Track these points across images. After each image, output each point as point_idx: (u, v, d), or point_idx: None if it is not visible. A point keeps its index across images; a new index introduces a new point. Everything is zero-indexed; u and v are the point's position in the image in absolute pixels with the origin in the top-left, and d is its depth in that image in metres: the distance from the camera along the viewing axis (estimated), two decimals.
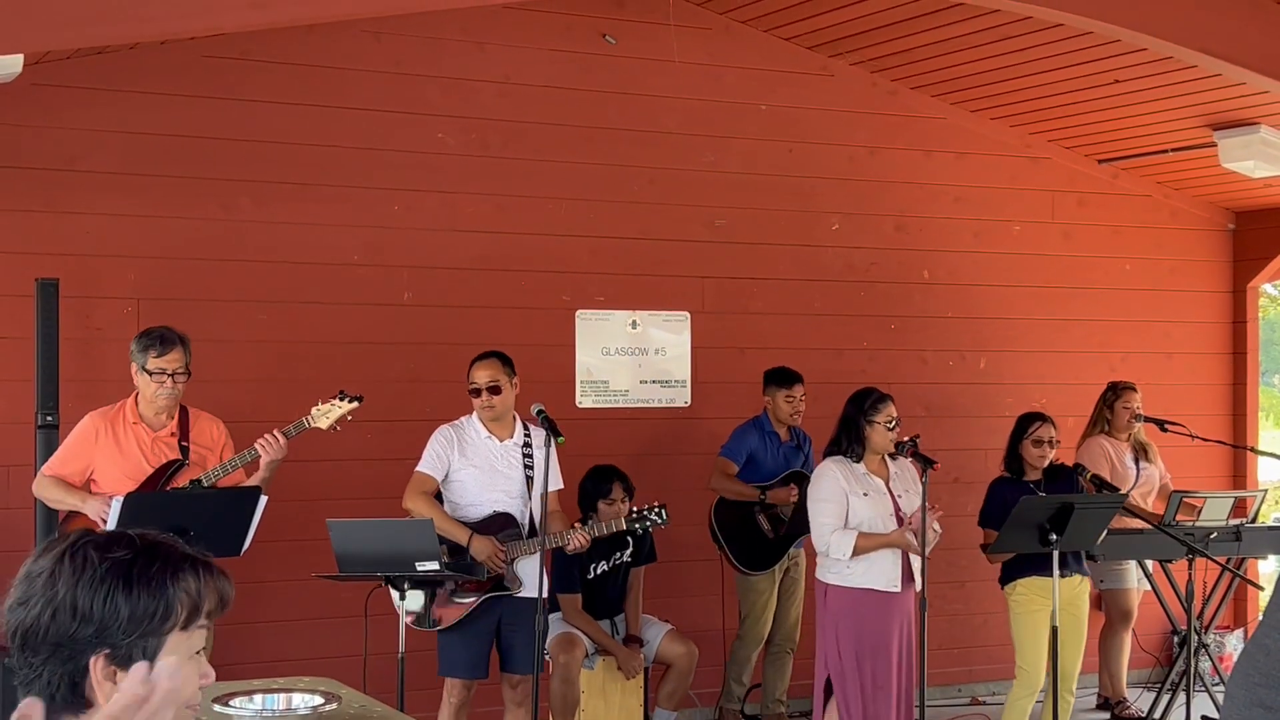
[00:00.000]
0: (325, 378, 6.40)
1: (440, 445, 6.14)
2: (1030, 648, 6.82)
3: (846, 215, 8.45)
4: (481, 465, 6.11)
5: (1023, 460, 6.98)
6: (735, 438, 7.60)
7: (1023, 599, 6.83)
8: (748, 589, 7.59)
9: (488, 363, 6.19)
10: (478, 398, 6.14)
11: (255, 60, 7.12)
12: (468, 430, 6.19)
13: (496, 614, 6.05)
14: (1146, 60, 7.19)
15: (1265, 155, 7.89)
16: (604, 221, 7.85)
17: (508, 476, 6.08)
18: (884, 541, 6.09)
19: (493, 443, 6.16)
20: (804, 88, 8.29)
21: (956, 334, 8.74)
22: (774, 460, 7.52)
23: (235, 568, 6.20)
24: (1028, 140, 8.88)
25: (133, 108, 6.92)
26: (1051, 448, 6.97)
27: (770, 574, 7.55)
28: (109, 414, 5.77)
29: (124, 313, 6.77)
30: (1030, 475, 6.98)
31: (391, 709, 4.01)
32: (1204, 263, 9.53)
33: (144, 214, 6.95)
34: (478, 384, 6.15)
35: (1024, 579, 6.81)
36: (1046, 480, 6.98)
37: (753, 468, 7.53)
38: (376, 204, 7.37)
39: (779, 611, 7.62)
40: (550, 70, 7.72)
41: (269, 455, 5.66)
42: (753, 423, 7.63)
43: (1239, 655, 2.22)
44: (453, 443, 6.13)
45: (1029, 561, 6.73)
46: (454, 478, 6.13)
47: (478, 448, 6.14)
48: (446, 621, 6.05)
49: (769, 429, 7.59)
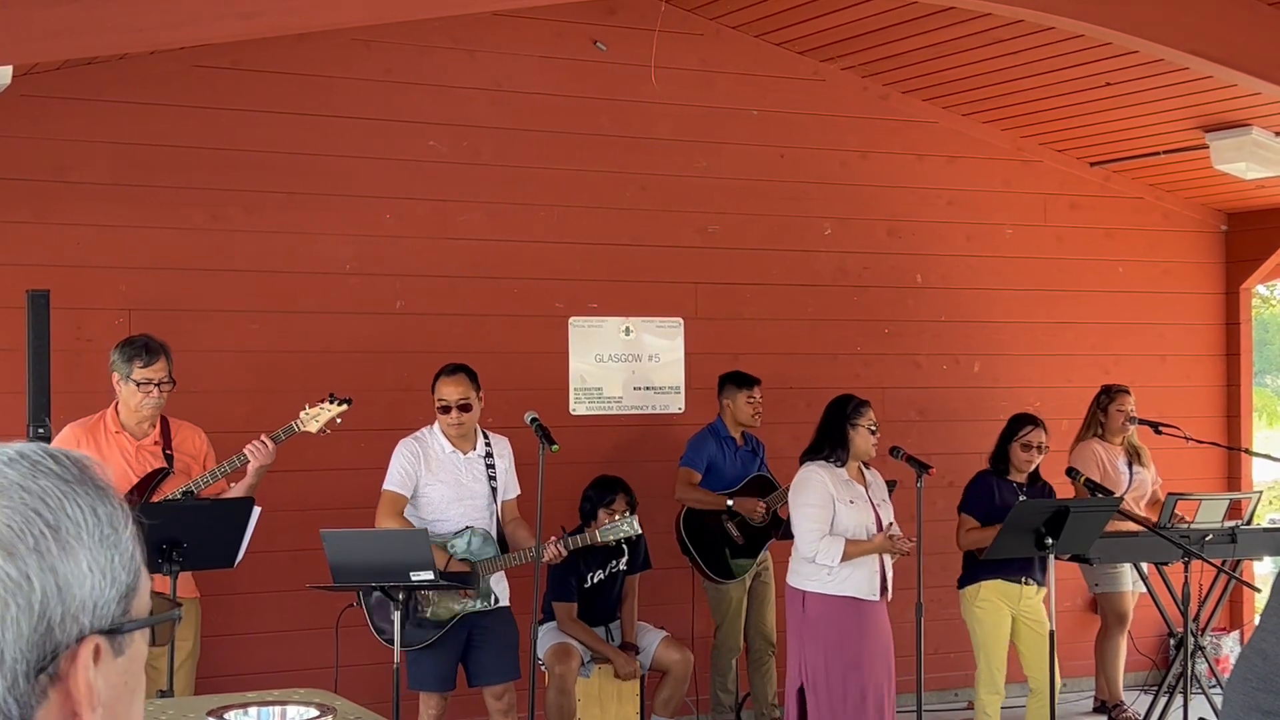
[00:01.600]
0: (317, 387, 6.37)
1: (406, 460, 6.06)
2: (993, 650, 6.85)
3: (839, 220, 8.44)
4: (447, 480, 6.06)
5: (1009, 461, 6.99)
6: (693, 446, 7.54)
7: (986, 603, 6.85)
8: (719, 597, 7.55)
9: (457, 379, 6.09)
10: (446, 414, 6.05)
11: (245, 69, 7.10)
12: (431, 444, 6.11)
13: (466, 628, 6.02)
14: (1138, 63, 7.19)
15: (1257, 156, 7.89)
16: (596, 228, 7.84)
17: (473, 490, 6.05)
18: (871, 548, 6.09)
19: (457, 456, 6.11)
20: (795, 93, 8.28)
21: (950, 338, 8.74)
22: (732, 466, 7.48)
23: (227, 579, 6.22)
24: (1019, 144, 8.88)
25: (122, 118, 6.91)
26: (1040, 453, 6.98)
27: (740, 582, 7.52)
28: (89, 424, 5.76)
29: (115, 323, 6.74)
30: (1014, 477, 6.99)
31: None
32: (1197, 264, 9.53)
33: (135, 224, 6.93)
34: (447, 401, 6.06)
35: (988, 582, 6.84)
36: (1028, 485, 7.01)
37: (714, 475, 7.48)
38: (368, 212, 7.36)
39: (754, 617, 7.59)
40: (541, 77, 7.71)
41: (258, 460, 5.64)
42: (708, 430, 7.58)
43: (1236, 659, 2.21)
44: (419, 457, 6.06)
45: (990, 565, 6.75)
46: (421, 493, 6.07)
47: (443, 462, 6.09)
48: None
49: (725, 434, 7.54)
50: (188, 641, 5.76)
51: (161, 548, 5.24)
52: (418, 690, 6.11)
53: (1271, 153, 7.89)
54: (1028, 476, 7.02)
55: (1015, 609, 6.86)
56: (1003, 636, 6.87)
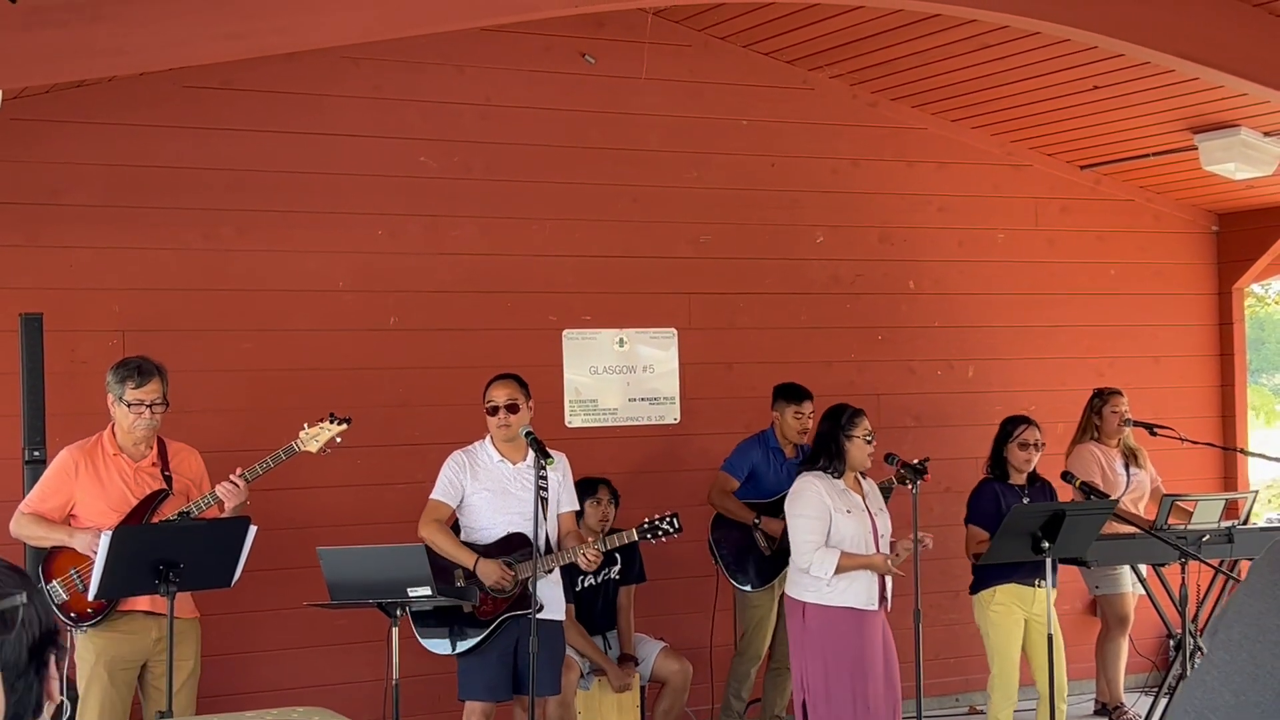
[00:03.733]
0: (313, 405, 6.38)
1: (453, 471, 6.16)
2: (1008, 656, 6.84)
3: (831, 228, 8.46)
4: (494, 489, 6.12)
5: (1007, 464, 6.99)
6: (738, 453, 7.54)
7: (1001, 608, 6.84)
8: (745, 606, 7.55)
9: (506, 383, 6.24)
10: (495, 416, 6.15)
11: (235, 89, 7.12)
12: (480, 455, 6.21)
13: (514, 635, 6.03)
14: (1124, 65, 7.21)
15: (1246, 157, 7.91)
16: (589, 240, 7.85)
17: (520, 499, 6.06)
18: (864, 563, 6.09)
19: (505, 465, 6.16)
20: (784, 102, 8.30)
21: (943, 343, 8.75)
22: (776, 477, 7.40)
23: (227, 599, 6.23)
24: (1009, 148, 8.90)
25: (113, 139, 6.92)
26: (1037, 450, 6.99)
27: (769, 590, 7.50)
28: (86, 447, 5.76)
29: (109, 345, 6.75)
30: (1015, 479, 6.99)
31: None
32: (1189, 265, 9.55)
33: (127, 245, 6.94)
34: (496, 402, 6.17)
35: (1002, 586, 6.82)
36: (1029, 486, 7.01)
37: (754, 483, 7.46)
38: (360, 229, 7.37)
39: (781, 627, 7.59)
40: (531, 91, 7.73)
41: (231, 500, 5.66)
42: (757, 438, 7.58)
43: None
44: (465, 468, 6.15)
45: (1003, 569, 6.74)
46: (467, 501, 6.15)
47: (490, 471, 6.15)
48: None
49: (774, 444, 7.52)
50: (188, 661, 5.75)
51: (158, 569, 5.24)
52: (467, 700, 6.10)
53: (1260, 153, 7.91)
54: (1027, 478, 7.02)
55: (1029, 612, 6.83)
56: (1016, 640, 6.85)
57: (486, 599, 6.06)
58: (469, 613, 6.04)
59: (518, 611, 6.00)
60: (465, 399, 7.32)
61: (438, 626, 6.07)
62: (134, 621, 5.64)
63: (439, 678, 6.91)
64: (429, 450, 6.98)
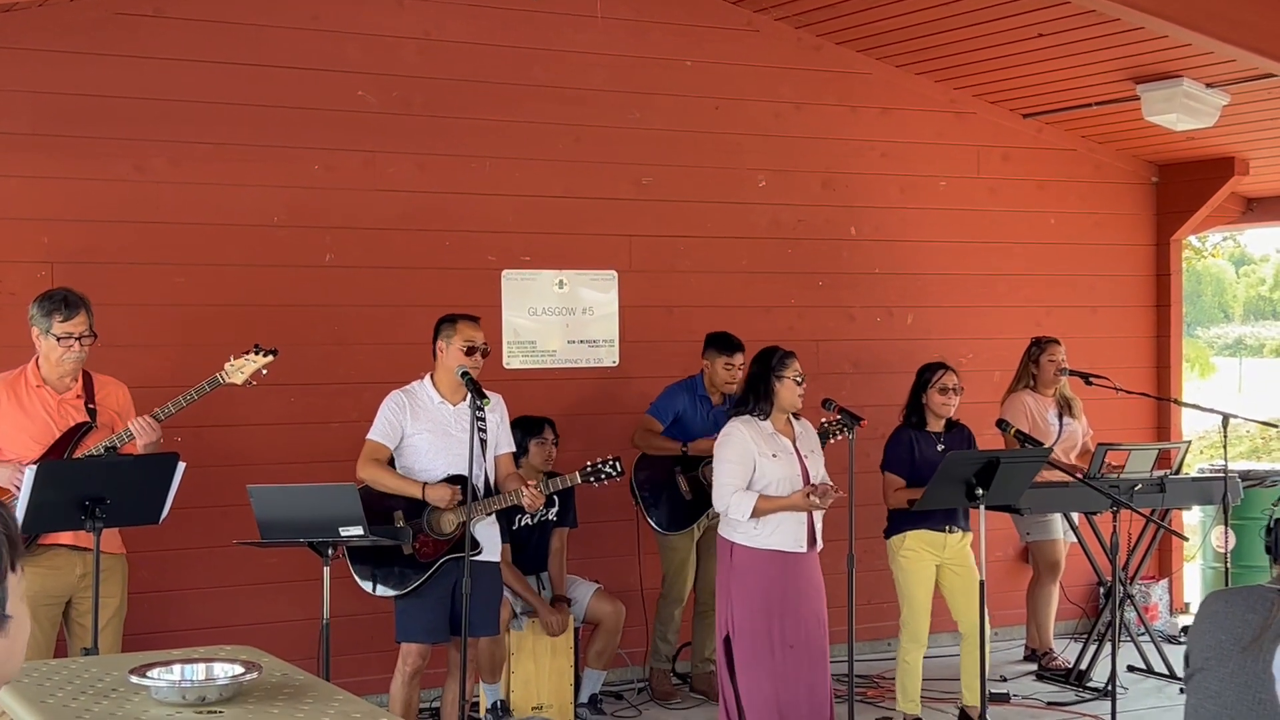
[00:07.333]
0: (245, 341, 6.27)
1: (392, 411, 6.07)
2: (917, 599, 6.90)
3: (773, 172, 8.42)
4: (435, 430, 6.04)
5: (925, 410, 7.02)
6: (664, 397, 7.55)
7: (911, 553, 6.89)
8: (666, 548, 7.58)
9: (479, 324, 6.14)
10: (471, 356, 6.04)
11: (169, 17, 6.96)
12: (420, 395, 6.12)
13: (454, 577, 5.98)
14: (1069, 14, 7.20)
15: (1187, 108, 7.92)
16: (529, 180, 7.77)
17: (461, 440, 5.99)
18: (785, 504, 6.05)
19: (445, 407, 6.09)
20: (729, 43, 8.23)
21: (883, 290, 8.75)
22: (702, 423, 7.43)
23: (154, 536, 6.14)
24: (952, 95, 8.87)
25: (42, 66, 6.75)
26: (956, 395, 7.01)
27: (688, 533, 7.52)
28: (9, 379, 5.67)
29: (38, 276, 6.61)
30: (932, 425, 7.02)
31: (314, 676, 3.94)
32: (1128, 216, 9.59)
33: (56, 175, 6.79)
34: (475, 344, 6.07)
35: (913, 531, 6.88)
36: (945, 433, 7.03)
37: (679, 428, 7.48)
38: (296, 164, 7.25)
39: (703, 569, 7.60)
40: (472, 26, 7.61)
41: (143, 438, 5.57)
42: (684, 383, 7.58)
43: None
44: (405, 408, 6.06)
45: (915, 515, 6.79)
46: (407, 442, 6.07)
47: (431, 412, 6.07)
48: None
49: (701, 391, 7.52)
50: (114, 599, 5.68)
51: (84, 504, 5.15)
52: (405, 642, 6.06)
53: (1201, 104, 7.92)
54: (945, 424, 7.05)
55: (940, 557, 6.91)
56: (927, 586, 6.91)
57: (427, 541, 6.01)
58: (409, 555, 5.99)
59: (458, 554, 5.95)
60: (402, 338, 7.26)
61: (378, 568, 6.02)
62: (57, 556, 5.56)
63: (371, 618, 6.88)
64: (365, 389, 6.91)
